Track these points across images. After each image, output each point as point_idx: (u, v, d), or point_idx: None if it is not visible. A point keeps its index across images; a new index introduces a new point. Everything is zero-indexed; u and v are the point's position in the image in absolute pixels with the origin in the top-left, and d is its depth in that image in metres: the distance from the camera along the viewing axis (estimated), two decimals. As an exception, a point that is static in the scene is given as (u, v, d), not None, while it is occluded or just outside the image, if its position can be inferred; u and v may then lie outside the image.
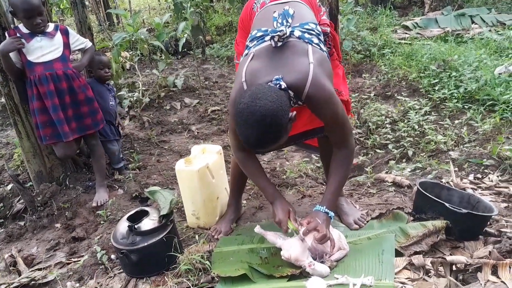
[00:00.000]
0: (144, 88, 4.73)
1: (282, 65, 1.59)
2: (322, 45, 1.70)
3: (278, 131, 1.46)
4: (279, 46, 1.62)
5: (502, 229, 1.89)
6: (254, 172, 1.90)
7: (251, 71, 1.64)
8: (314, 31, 1.70)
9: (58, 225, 2.56)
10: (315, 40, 1.67)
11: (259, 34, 1.71)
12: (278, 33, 1.59)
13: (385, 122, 3.58)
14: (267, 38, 1.64)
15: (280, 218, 1.75)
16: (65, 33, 2.65)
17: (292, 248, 1.71)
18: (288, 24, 1.69)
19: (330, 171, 1.79)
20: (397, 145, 3.21)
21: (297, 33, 1.65)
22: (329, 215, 1.75)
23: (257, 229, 1.90)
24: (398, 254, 1.75)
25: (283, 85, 1.52)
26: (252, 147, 1.54)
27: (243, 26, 2.03)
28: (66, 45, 2.63)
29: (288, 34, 1.61)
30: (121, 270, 1.99)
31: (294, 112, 1.53)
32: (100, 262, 2.08)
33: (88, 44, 2.81)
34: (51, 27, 2.61)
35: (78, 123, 2.67)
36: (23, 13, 2.41)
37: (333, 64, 1.94)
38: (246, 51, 1.76)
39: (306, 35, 1.66)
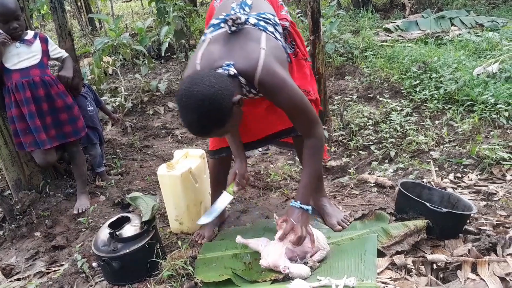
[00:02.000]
0: (126, 93, 4.69)
1: (235, 50, 1.59)
2: (277, 35, 1.69)
3: (219, 115, 1.44)
4: (235, 32, 1.62)
5: (481, 227, 1.92)
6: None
7: (205, 55, 1.63)
8: (270, 20, 1.70)
9: (37, 233, 2.51)
10: (270, 29, 1.67)
11: (217, 21, 1.71)
12: (231, 16, 1.59)
13: (368, 123, 3.61)
14: (223, 24, 1.64)
15: (228, 177, 1.88)
16: (45, 41, 2.61)
17: (270, 256, 1.71)
18: (245, 12, 1.70)
19: (303, 164, 1.79)
20: (380, 146, 3.24)
21: (252, 20, 1.66)
22: (305, 209, 1.73)
23: (238, 239, 1.91)
24: (381, 254, 1.76)
25: (232, 71, 1.52)
26: (196, 134, 1.52)
27: (207, 25, 2.04)
28: (45, 52, 2.60)
29: (243, 20, 1.61)
30: (103, 278, 1.96)
31: (239, 96, 1.50)
32: (80, 270, 2.04)
33: (65, 54, 2.77)
34: (30, 34, 2.57)
35: (58, 131, 2.62)
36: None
37: (298, 64, 1.95)
38: (202, 37, 1.76)
39: (262, 23, 1.66)
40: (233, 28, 1.61)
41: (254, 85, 1.59)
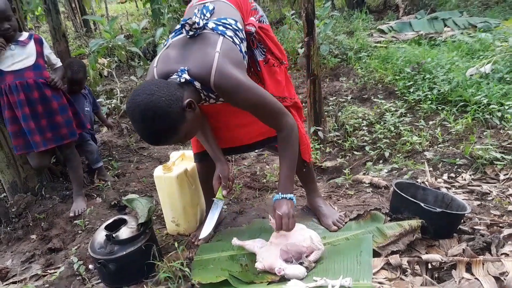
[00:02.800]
0: (122, 95, 4.68)
1: (191, 55, 1.59)
2: (236, 39, 1.69)
3: (167, 122, 1.43)
4: (193, 37, 1.63)
5: (475, 227, 1.94)
6: (200, 135, 1.94)
7: (163, 58, 1.65)
8: (231, 26, 1.70)
9: (33, 236, 2.50)
10: (229, 33, 1.67)
11: (178, 26, 1.72)
12: (188, 21, 1.59)
13: (362, 124, 3.64)
14: (181, 25, 1.65)
15: (213, 183, 1.90)
16: (39, 43, 2.59)
17: (265, 258, 1.73)
18: (205, 18, 1.70)
19: (279, 157, 1.80)
20: (374, 146, 3.27)
21: (211, 25, 1.66)
22: (288, 198, 1.76)
23: (234, 241, 1.92)
24: (376, 254, 1.78)
25: (184, 78, 1.52)
26: (151, 143, 1.52)
27: None
28: (40, 54, 2.57)
29: (201, 25, 1.62)
30: (99, 281, 1.96)
31: (188, 100, 1.50)
32: (77, 273, 2.04)
33: (59, 63, 2.75)
34: (24, 35, 2.56)
35: (54, 133, 2.60)
36: None
37: (270, 71, 1.93)
38: (165, 42, 1.78)
39: (220, 28, 1.66)
40: (191, 33, 1.62)
41: (211, 89, 1.59)
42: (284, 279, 1.70)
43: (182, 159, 2.34)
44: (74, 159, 2.78)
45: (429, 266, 1.68)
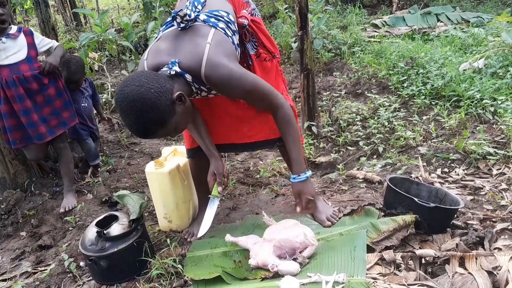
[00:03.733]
0: (113, 90, 4.62)
1: (182, 47, 1.57)
2: (228, 31, 1.67)
3: (156, 115, 1.41)
4: (184, 29, 1.61)
5: (468, 221, 1.94)
6: (192, 130, 1.92)
7: (153, 51, 1.62)
8: (223, 18, 1.68)
9: (23, 233, 2.46)
10: (221, 25, 1.64)
11: (169, 19, 1.70)
12: (179, 13, 1.57)
13: (356, 119, 3.63)
14: (172, 18, 1.63)
15: (208, 178, 1.88)
16: (30, 34, 2.56)
17: (258, 255, 1.71)
18: (197, 10, 1.68)
19: (283, 138, 1.79)
20: (368, 141, 3.26)
21: (202, 16, 1.64)
22: (305, 177, 1.78)
23: (227, 237, 1.90)
24: (370, 249, 1.77)
25: (174, 71, 1.50)
26: (139, 136, 1.50)
27: None
28: (31, 45, 2.55)
29: (192, 17, 1.60)
30: (90, 278, 1.93)
31: (178, 93, 1.48)
32: (68, 270, 2.01)
33: (55, 43, 2.71)
34: (14, 29, 2.53)
35: (59, 119, 2.62)
36: None
37: (261, 66, 1.92)
38: (156, 34, 1.75)
39: (212, 20, 1.65)
40: (182, 25, 1.60)
41: (202, 81, 1.57)
42: (277, 275, 1.69)
43: (174, 155, 2.31)
44: (66, 153, 2.75)
45: (423, 261, 1.68)
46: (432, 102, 3.52)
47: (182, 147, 2.37)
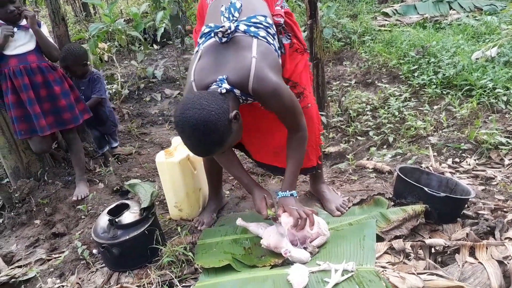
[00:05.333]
0: (123, 80, 4.66)
1: (226, 62, 1.58)
2: (269, 38, 1.67)
3: (216, 136, 1.45)
4: (225, 42, 1.60)
5: (479, 211, 1.93)
6: (227, 163, 1.90)
7: (198, 70, 1.62)
8: (262, 24, 1.66)
9: (37, 221, 2.51)
10: (262, 33, 1.64)
11: (207, 30, 1.68)
12: (221, 29, 1.56)
13: (366, 109, 3.60)
14: (213, 34, 1.61)
15: (258, 206, 1.79)
16: (38, 26, 2.57)
17: (271, 237, 1.72)
18: (234, 18, 1.66)
19: (288, 155, 1.80)
20: (378, 131, 3.24)
21: (242, 27, 1.62)
22: (295, 195, 1.81)
23: (239, 221, 1.91)
24: (379, 239, 1.78)
25: (225, 88, 1.51)
26: (198, 155, 1.55)
27: (199, 16, 2.00)
28: None
29: (233, 29, 1.58)
30: (103, 265, 1.97)
31: (235, 112, 1.51)
32: (81, 257, 2.05)
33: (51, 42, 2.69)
34: (25, 21, 2.53)
35: (56, 117, 2.61)
36: None
37: (292, 56, 1.91)
38: (196, 48, 1.75)
39: (252, 29, 1.63)
40: (224, 39, 1.59)
41: (249, 93, 1.59)
42: (286, 263, 1.70)
43: (184, 144, 2.32)
44: (76, 143, 2.78)
45: (433, 251, 1.68)
46: (444, 92, 3.48)
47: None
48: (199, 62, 1.64)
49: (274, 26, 1.76)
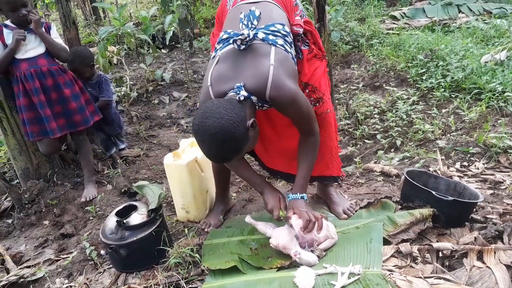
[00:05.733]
0: (131, 83, 4.69)
1: (244, 69, 1.59)
2: (287, 46, 1.68)
3: (235, 144, 1.47)
4: (244, 49, 1.61)
5: (487, 216, 1.92)
6: (237, 166, 1.91)
7: (216, 75, 1.64)
8: (280, 32, 1.67)
9: (46, 222, 2.54)
10: (280, 42, 1.65)
11: (225, 36, 1.69)
12: (240, 37, 1.58)
13: (374, 112, 3.59)
14: (232, 41, 1.62)
15: (271, 205, 1.80)
16: (48, 29, 2.61)
17: (281, 237, 1.73)
18: (253, 26, 1.66)
19: (300, 158, 1.82)
20: (386, 135, 3.23)
21: (260, 35, 1.63)
22: (305, 198, 1.82)
23: (248, 219, 1.93)
24: (386, 242, 1.77)
25: (242, 96, 1.53)
26: (215, 162, 1.59)
27: (218, 20, 2.02)
28: None
29: (251, 37, 1.59)
30: (111, 266, 1.99)
31: (252, 119, 1.53)
32: (89, 258, 2.07)
33: (62, 43, 2.71)
34: None
35: (67, 120, 2.65)
36: (7, 5, 2.40)
37: (310, 62, 1.91)
38: (213, 53, 1.76)
39: (270, 37, 1.64)
40: (242, 47, 1.61)
41: (266, 100, 1.61)
42: (293, 265, 1.70)
43: (192, 146, 2.34)
44: (85, 145, 2.81)
45: (440, 255, 1.67)
46: (452, 95, 3.46)
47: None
48: (216, 68, 1.65)
49: (291, 34, 1.77)
